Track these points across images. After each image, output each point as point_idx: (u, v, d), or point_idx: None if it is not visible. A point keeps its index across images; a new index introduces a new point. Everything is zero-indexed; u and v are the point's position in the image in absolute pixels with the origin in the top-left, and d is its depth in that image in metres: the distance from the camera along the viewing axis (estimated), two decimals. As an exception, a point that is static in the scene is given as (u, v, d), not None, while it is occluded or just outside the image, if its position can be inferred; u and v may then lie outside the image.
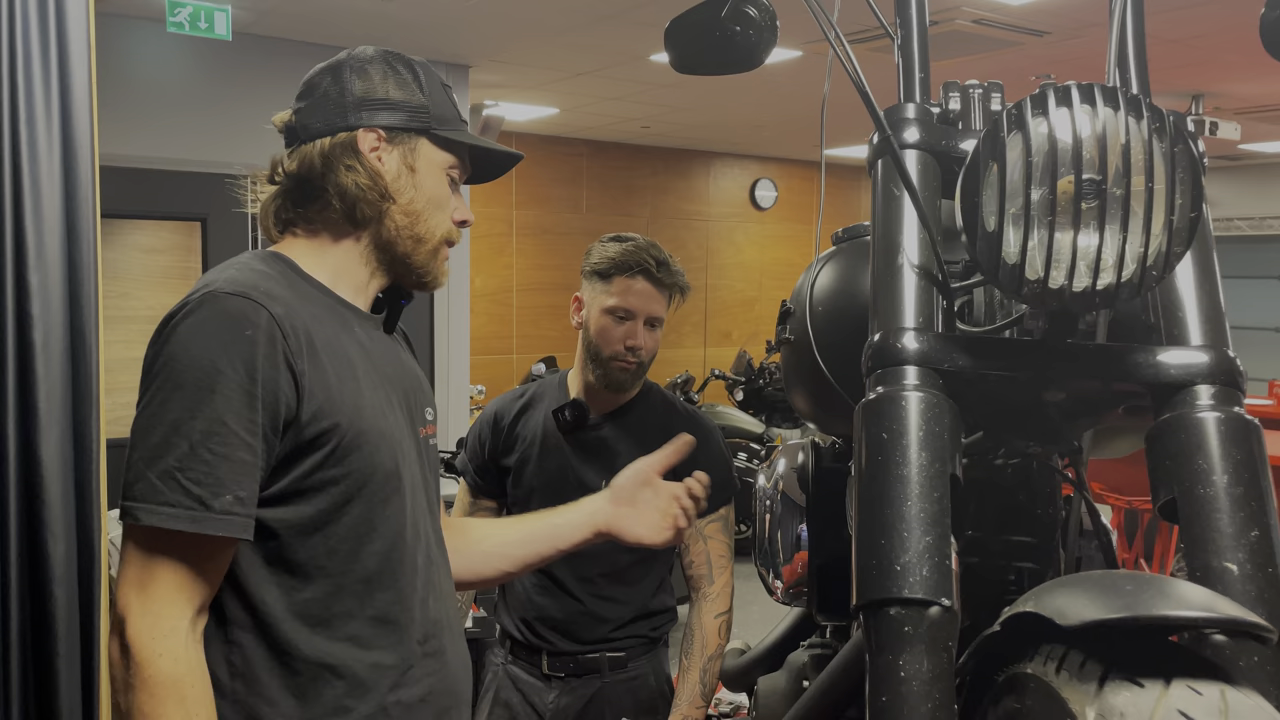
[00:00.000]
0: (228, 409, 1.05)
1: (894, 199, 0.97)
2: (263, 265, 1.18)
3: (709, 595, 1.95)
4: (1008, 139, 0.82)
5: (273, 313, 1.09)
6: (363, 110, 1.21)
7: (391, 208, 1.22)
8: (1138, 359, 0.87)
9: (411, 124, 1.23)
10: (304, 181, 1.22)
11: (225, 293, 1.09)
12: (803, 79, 6.21)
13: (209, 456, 1.04)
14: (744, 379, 7.78)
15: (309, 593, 1.13)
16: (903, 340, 0.88)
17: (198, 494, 1.04)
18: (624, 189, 8.79)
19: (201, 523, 1.04)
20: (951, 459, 0.83)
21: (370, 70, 1.23)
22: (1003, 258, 0.82)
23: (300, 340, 1.11)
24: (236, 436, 1.05)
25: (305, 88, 1.26)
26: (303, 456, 1.11)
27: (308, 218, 1.24)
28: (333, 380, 1.13)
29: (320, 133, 1.21)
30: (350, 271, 1.24)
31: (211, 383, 1.05)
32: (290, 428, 1.09)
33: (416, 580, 1.22)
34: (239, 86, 5.17)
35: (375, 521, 1.16)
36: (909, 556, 0.78)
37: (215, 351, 1.06)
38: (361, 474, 1.14)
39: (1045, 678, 0.67)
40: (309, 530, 1.12)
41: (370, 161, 1.21)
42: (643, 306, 1.94)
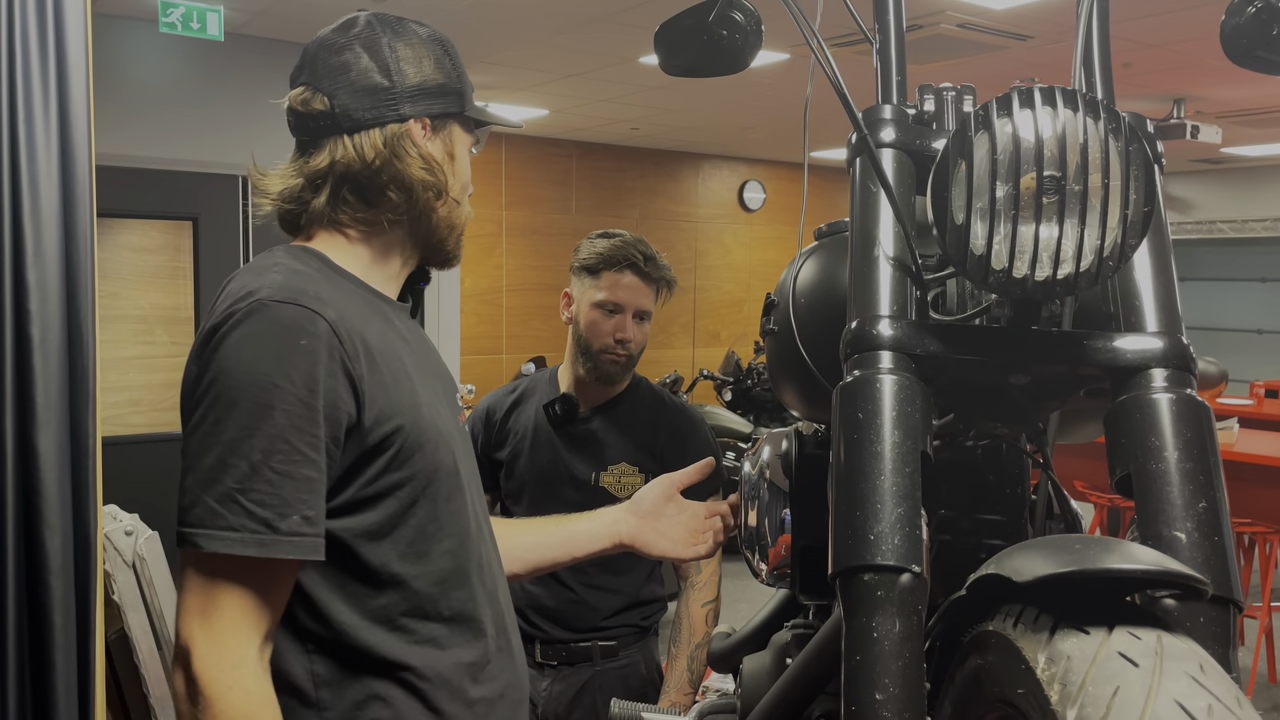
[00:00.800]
0: (289, 425, 0.98)
1: (871, 195, 1.02)
2: (300, 264, 1.10)
3: (696, 584, 2.00)
4: (975, 138, 0.87)
5: (328, 319, 1.02)
6: (414, 99, 1.13)
7: (441, 202, 1.17)
8: (1097, 344, 0.93)
9: (449, 108, 1.17)
10: (354, 177, 1.13)
11: (276, 300, 1.01)
12: (789, 81, 6.28)
13: (272, 475, 0.97)
14: (732, 379, 7.85)
15: (383, 599, 1.08)
16: (878, 327, 0.94)
17: (263, 516, 0.97)
18: (613, 190, 8.85)
19: (269, 546, 0.97)
20: (923, 438, 0.89)
21: (408, 49, 1.14)
22: (970, 249, 0.87)
23: (356, 344, 1.04)
24: (299, 453, 0.98)
25: (334, 66, 1.13)
26: (367, 464, 1.05)
27: (367, 220, 1.15)
28: (389, 381, 1.07)
29: (366, 122, 1.12)
30: (385, 262, 1.18)
31: (269, 398, 0.98)
32: (352, 436, 1.04)
33: (485, 576, 1.18)
34: (231, 87, 5.21)
35: (442, 520, 1.12)
36: (882, 526, 0.84)
37: (271, 365, 0.98)
38: (425, 474, 1.09)
39: (1004, 633, 0.72)
40: (378, 537, 1.07)
41: (427, 154, 1.14)
42: (631, 300, 1.99)
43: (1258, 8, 1.20)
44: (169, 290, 6.09)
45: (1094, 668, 0.61)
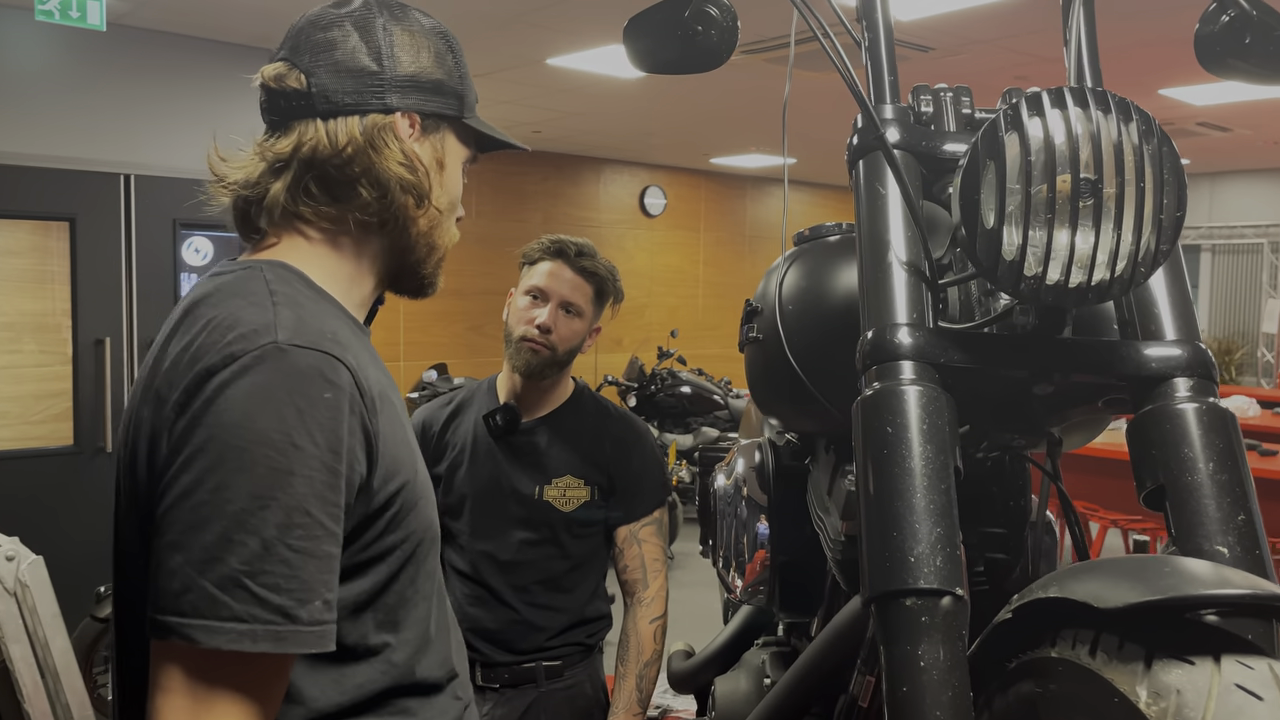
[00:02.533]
0: (310, 493, 0.82)
1: (879, 197, 0.98)
2: (292, 292, 0.93)
3: (644, 600, 1.94)
4: (1005, 138, 0.84)
5: (350, 367, 0.87)
6: (406, 90, 0.99)
7: (423, 212, 1.01)
8: (1121, 353, 0.91)
9: (445, 110, 1.02)
10: (320, 167, 0.97)
11: (295, 345, 0.85)
12: (696, 87, 6.28)
13: (289, 555, 0.81)
14: (636, 385, 7.81)
15: (360, 677, 0.94)
16: (898, 335, 0.90)
17: (278, 604, 0.80)
18: (515, 194, 8.73)
19: (288, 640, 0.81)
20: (953, 451, 0.85)
21: (407, 37, 1.01)
22: (1001, 254, 0.84)
23: (373, 394, 0.90)
24: (322, 526, 0.83)
25: (318, 42, 0.99)
26: (368, 526, 0.91)
27: (330, 216, 0.99)
28: (389, 431, 0.92)
29: (346, 107, 0.97)
30: (360, 284, 1.02)
31: (289, 463, 0.81)
32: (360, 497, 0.89)
33: (450, 637, 1.07)
34: (113, 80, 4.92)
35: (419, 583, 0.99)
36: (922, 548, 0.79)
37: (291, 422, 0.82)
38: (417, 534, 0.97)
39: (1078, 661, 0.68)
40: (361, 608, 0.93)
41: (411, 153, 0.99)
42: (556, 288, 1.92)
43: (1231, 16, 1.21)
44: (37, 295, 5.71)
45: (1213, 703, 0.58)
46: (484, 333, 8.36)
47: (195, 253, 5.23)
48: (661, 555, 1.98)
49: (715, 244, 10.35)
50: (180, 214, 5.00)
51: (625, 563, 1.95)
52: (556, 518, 1.91)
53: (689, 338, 9.50)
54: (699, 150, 9.03)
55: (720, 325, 10.41)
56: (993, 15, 4.71)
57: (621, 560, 1.96)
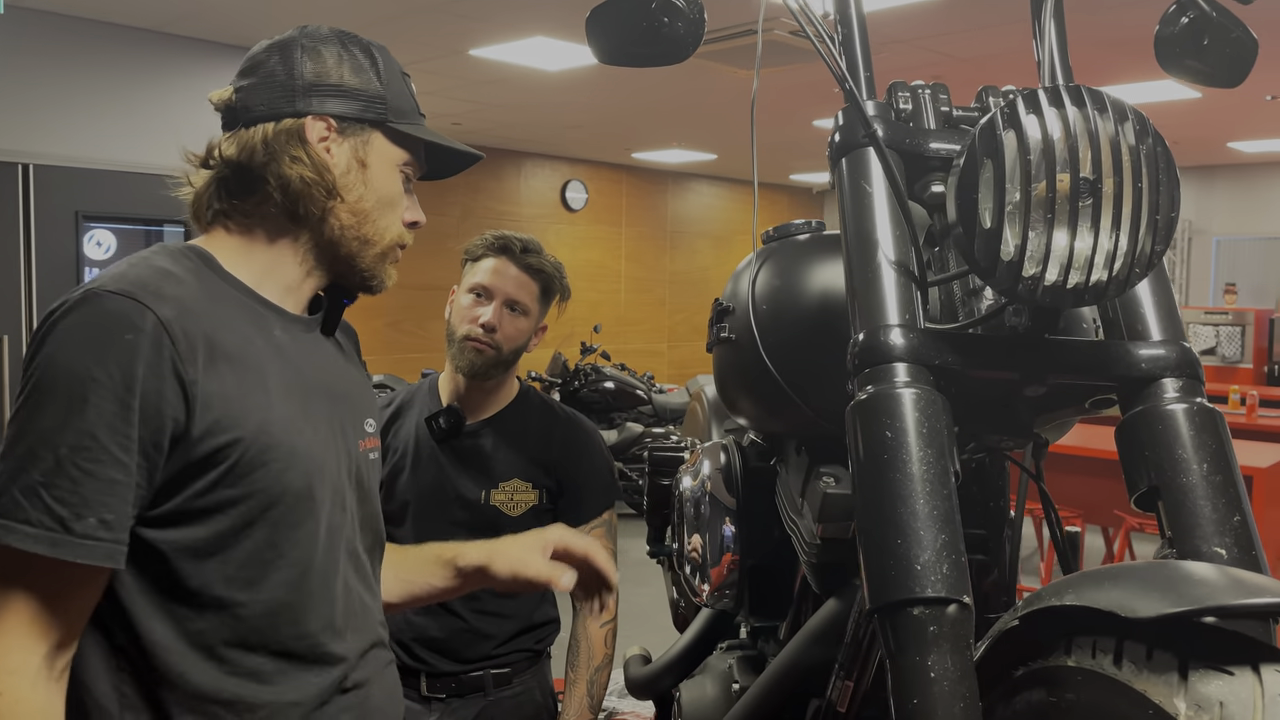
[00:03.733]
0: (99, 421, 0.94)
1: (865, 195, 0.96)
2: (167, 261, 1.05)
3: None
4: (1003, 137, 0.82)
5: (160, 315, 0.98)
6: (313, 95, 1.11)
7: (337, 206, 1.11)
8: (1110, 354, 0.90)
9: (366, 114, 1.13)
10: (242, 170, 1.10)
11: (108, 291, 0.97)
12: (619, 81, 6.25)
13: (75, 473, 0.93)
14: (559, 380, 7.75)
15: (203, 623, 1.02)
16: (890, 337, 0.88)
17: (60, 514, 0.93)
18: (433, 187, 8.56)
19: (60, 547, 0.93)
20: (951, 455, 0.83)
21: (324, 51, 1.12)
22: (999, 254, 0.82)
23: (195, 346, 0.99)
24: (107, 452, 0.94)
25: (248, 64, 1.14)
26: (196, 475, 1.00)
27: (243, 210, 1.11)
28: (233, 390, 1.02)
29: (263, 116, 1.10)
30: (281, 271, 1.13)
31: (84, 391, 0.94)
32: (179, 444, 0.98)
33: (333, 612, 1.11)
34: (11, 65, 4.66)
35: (282, 547, 1.05)
36: (927, 555, 0.77)
37: (90, 357, 0.95)
38: (266, 495, 1.03)
39: (1101, 670, 0.67)
40: (202, 555, 1.01)
41: (317, 153, 1.10)
42: (500, 285, 1.87)
43: (1190, 18, 1.23)
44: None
45: (1261, 715, 0.57)
46: (402, 329, 8.19)
47: (97, 246, 4.99)
48: (611, 557, 1.94)
49: (637, 239, 10.34)
50: (83, 205, 4.78)
51: None
52: (504, 523, 1.85)
53: (611, 333, 9.47)
54: (621, 145, 9.01)
55: (643, 320, 10.41)
56: (911, 16, 4.78)
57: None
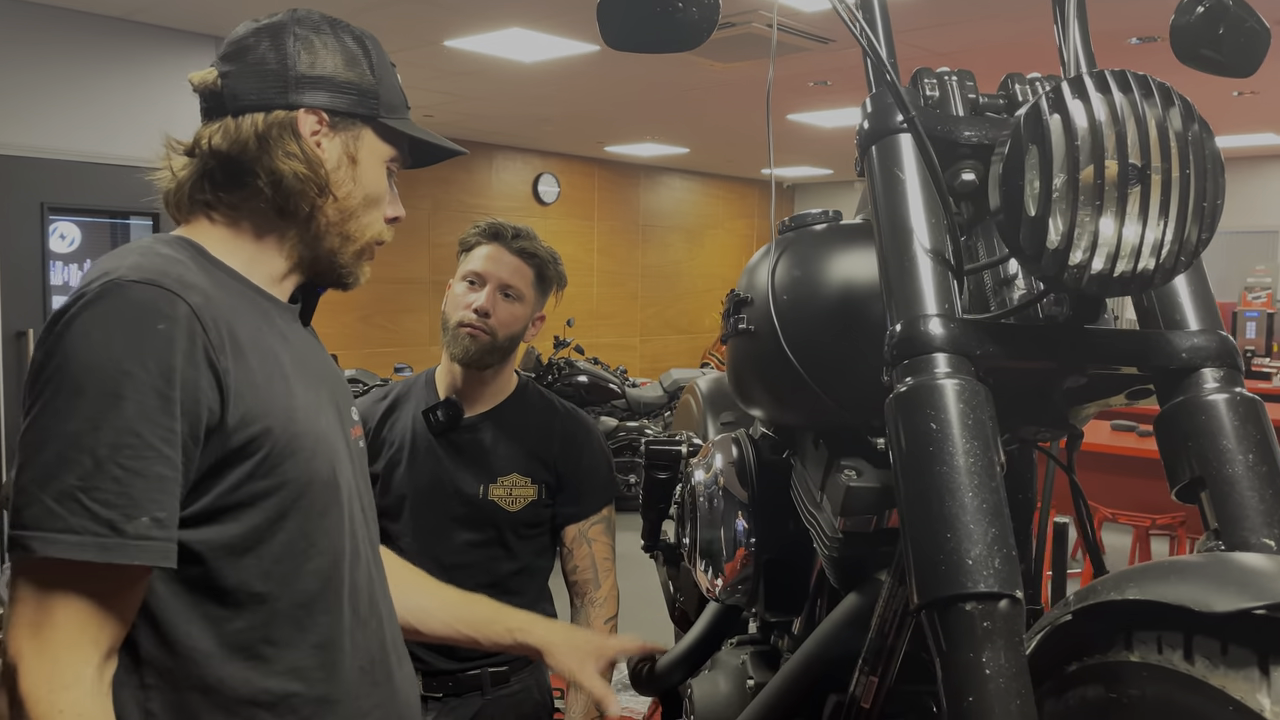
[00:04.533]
0: (140, 416, 0.89)
1: (898, 182, 0.94)
2: (169, 250, 1.02)
3: (596, 600, 1.87)
4: (1049, 122, 0.81)
5: (190, 303, 0.94)
6: (306, 88, 1.07)
7: (327, 202, 1.08)
8: (1150, 344, 0.89)
9: (358, 109, 1.09)
10: (231, 161, 1.06)
11: (132, 280, 0.93)
12: (594, 74, 6.21)
13: (119, 472, 0.88)
14: (533, 375, 7.72)
15: (241, 622, 0.99)
16: (929, 327, 0.86)
17: (107, 517, 0.88)
18: (403, 179, 8.29)
19: (113, 551, 0.88)
20: (996, 446, 0.82)
21: (317, 41, 1.08)
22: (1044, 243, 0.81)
23: (223, 334, 0.96)
24: (152, 448, 0.90)
25: (235, 48, 1.09)
26: (229, 468, 0.97)
27: (230, 203, 1.08)
28: (260, 379, 0.99)
29: (254, 106, 1.06)
30: (267, 263, 1.10)
31: (118, 387, 0.89)
32: (214, 435, 0.95)
33: (359, 601, 1.09)
34: (-27, 51, 4.54)
35: (314, 536, 1.03)
36: (978, 550, 0.76)
37: (122, 350, 0.90)
38: (297, 484, 1.01)
39: (1171, 666, 0.66)
40: (239, 551, 0.98)
41: (310, 148, 1.07)
42: (493, 271, 1.84)
43: (1206, 7, 1.22)
44: None
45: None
46: (373, 324, 8.10)
47: (61, 239, 4.87)
48: (611, 554, 1.92)
49: (609, 233, 10.30)
50: (48, 197, 4.67)
51: (575, 563, 1.88)
52: (502, 518, 1.83)
53: (584, 327, 9.43)
54: (594, 138, 8.96)
55: (615, 314, 10.38)
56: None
57: (570, 560, 1.89)
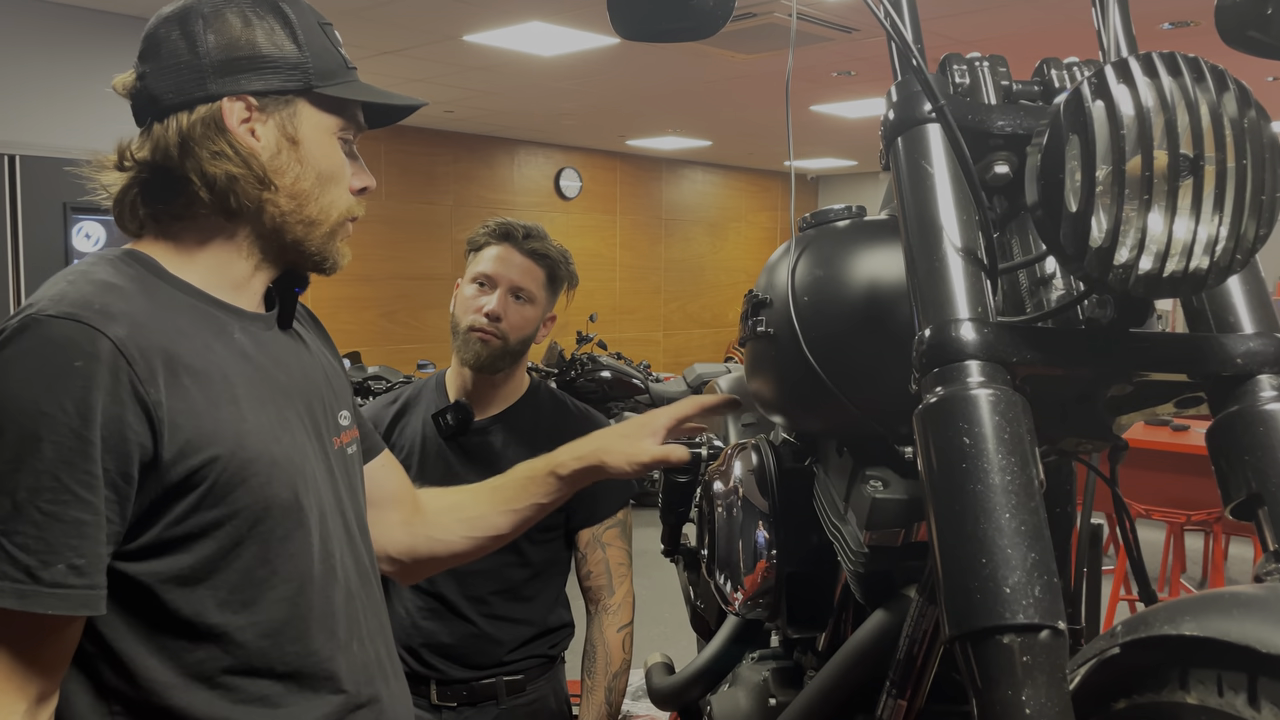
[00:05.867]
0: (59, 459, 0.85)
1: (927, 176, 0.88)
2: (108, 272, 0.96)
3: (610, 607, 1.82)
4: (1092, 109, 0.74)
5: (111, 336, 0.89)
6: (224, 73, 0.99)
7: (272, 194, 1.01)
8: (1202, 349, 0.83)
9: (288, 84, 1.01)
10: (161, 171, 1.00)
11: (49, 315, 0.88)
12: (615, 67, 6.15)
13: (38, 517, 0.85)
14: (556, 370, 7.67)
15: (201, 653, 0.95)
16: (961, 332, 0.80)
17: (25, 562, 0.85)
18: (425, 176, 8.46)
19: (29, 599, 0.85)
20: (1035, 461, 0.75)
21: (228, 16, 1.00)
22: (1087, 240, 0.74)
23: (153, 364, 0.91)
24: (69, 492, 0.86)
25: (148, 43, 1.01)
26: (173, 500, 0.92)
27: (172, 213, 1.02)
28: (203, 405, 0.94)
29: (173, 106, 0.99)
30: (227, 268, 1.04)
31: (36, 428, 0.85)
32: (151, 471, 0.91)
33: (335, 624, 1.04)
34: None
35: (275, 564, 0.99)
36: (1017, 577, 0.70)
37: (39, 390, 0.86)
38: (251, 511, 0.96)
39: (1233, 711, 0.60)
40: (190, 582, 0.94)
41: (241, 140, 0.99)
42: (504, 272, 1.78)
43: (1254, -14, 1.14)
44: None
45: None
46: (396, 320, 8.09)
47: (86, 239, 4.88)
48: (626, 559, 1.87)
49: (632, 227, 10.24)
50: (71, 197, 4.66)
51: (589, 568, 1.83)
52: None
53: (607, 322, 9.38)
54: (615, 132, 8.90)
55: (638, 309, 10.32)
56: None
57: (585, 566, 1.84)
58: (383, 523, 1.29)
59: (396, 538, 1.31)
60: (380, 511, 1.29)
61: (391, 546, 1.30)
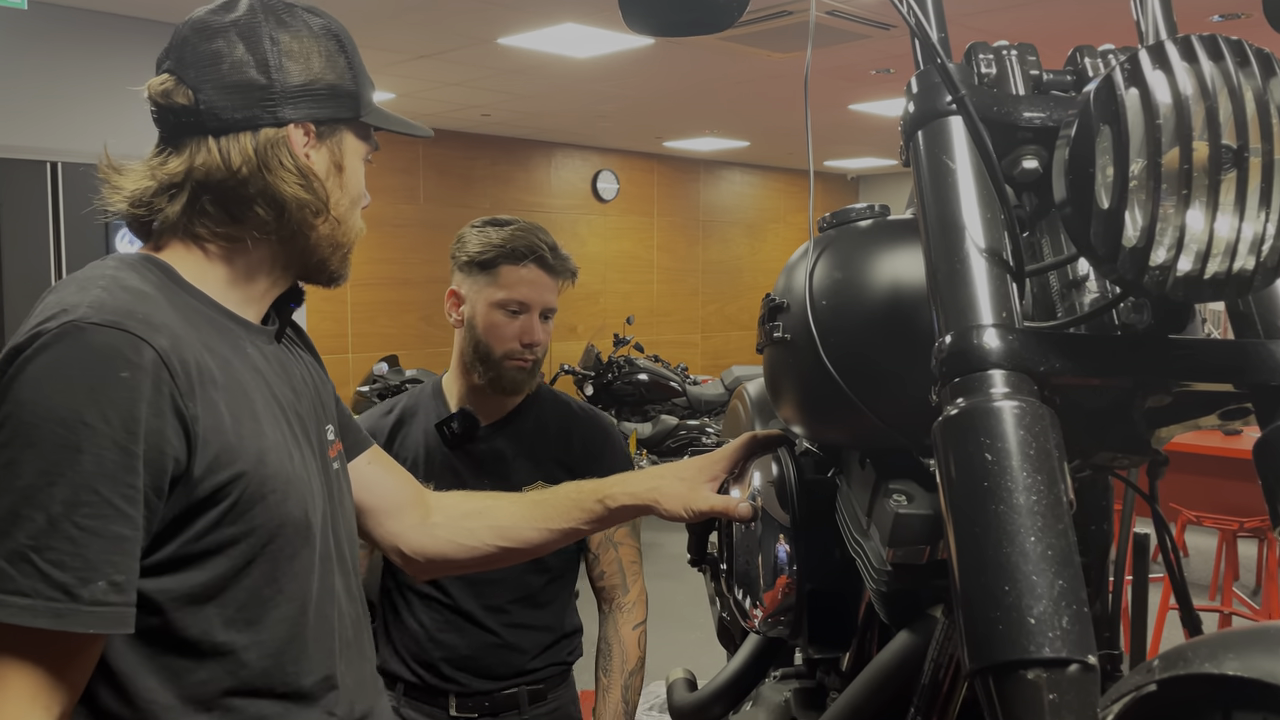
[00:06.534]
0: (99, 472, 0.82)
1: (948, 172, 0.82)
2: (135, 279, 0.94)
3: (624, 606, 1.79)
4: (1125, 97, 0.69)
5: (157, 347, 0.87)
6: (297, 101, 0.98)
7: (325, 218, 1.02)
8: (1250, 356, 0.77)
9: (343, 114, 1.01)
10: (218, 187, 0.97)
11: (93, 323, 0.85)
12: (651, 68, 6.11)
13: (75, 532, 0.82)
14: (593, 373, 7.64)
15: (204, 673, 0.93)
16: (984, 339, 0.74)
17: (61, 580, 0.82)
18: (462, 179, 8.47)
19: (67, 618, 0.82)
20: (1064, 479, 0.70)
21: (294, 42, 0.99)
22: (1121, 240, 0.69)
23: (191, 377, 0.89)
24: (111, 506, 0.83)
25: (204, 54, 0.97)
26: (196, 516, 0.90)
27: (228, 236, 1.00)
28: (229, 421, 0.92)
29: (237, 124, 0.97)
30: (248, 282, 1.02)
31: (76, 439, 0.82)
32: (179, 485, 0.88)
33: (332, 642, 1.03)
34: (37, 62, 4.61)
35: (282, 582, 0.97)
36: (1042, 606, 0.64)
37: (81, 400, 0.83)
38: (267, 528, 0.94)
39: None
40: (201, 600, 0.92)
41: (304, 165, 0.99)
42: (537, 298, 1.74)
43: (1306, -33, 1.07)
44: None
45: None
46: (434, 323, 8.10)
47: (131, 245, 4.94)
48: (638, 557, 1.84)
49: (669, 229, 10.19)
50: (111, 204, 4.72)
51: (601, 568, 1.81)
52: None
53: (645, 324, 9.34)
54: (652, 133, 8.86)
55: (676, 311, 10.26)
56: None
57: (597, 566, 1.81)
58: (397, 527, 1.28)
59: (411, 539, 1.29)
60: (391, 518, 1.28)
61: (407, 548, 1.29)
